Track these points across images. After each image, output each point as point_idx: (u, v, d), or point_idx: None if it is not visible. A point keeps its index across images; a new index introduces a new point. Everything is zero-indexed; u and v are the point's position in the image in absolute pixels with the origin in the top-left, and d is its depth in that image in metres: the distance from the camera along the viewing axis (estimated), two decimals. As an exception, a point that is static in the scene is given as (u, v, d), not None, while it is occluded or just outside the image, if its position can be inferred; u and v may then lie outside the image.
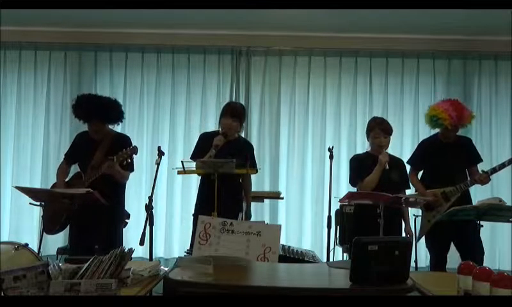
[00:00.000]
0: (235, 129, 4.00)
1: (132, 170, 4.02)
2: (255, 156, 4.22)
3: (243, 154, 3.83)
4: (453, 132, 4.16)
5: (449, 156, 4.13)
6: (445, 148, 4.18)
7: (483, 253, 4.03)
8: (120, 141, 3.98)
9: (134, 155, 3.82)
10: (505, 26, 4.88)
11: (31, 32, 5.56)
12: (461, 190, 4.04)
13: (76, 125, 5.47)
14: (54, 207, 3.75)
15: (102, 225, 3.73)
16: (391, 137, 4.01)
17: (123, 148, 3.80)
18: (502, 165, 4.04)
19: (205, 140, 4.01)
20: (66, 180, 4.03)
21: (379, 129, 3.94)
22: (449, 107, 4.07)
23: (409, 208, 4.13)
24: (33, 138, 5.62)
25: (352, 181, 4.07)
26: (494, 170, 4.05)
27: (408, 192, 4.18)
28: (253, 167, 3.92)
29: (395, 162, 4.02)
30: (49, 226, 3.83)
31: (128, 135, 4.21)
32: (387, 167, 3.81)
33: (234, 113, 3.97)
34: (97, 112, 3.84)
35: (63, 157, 4.16)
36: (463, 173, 4.17)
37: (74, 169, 4.16)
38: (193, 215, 4.00)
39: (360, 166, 4.01)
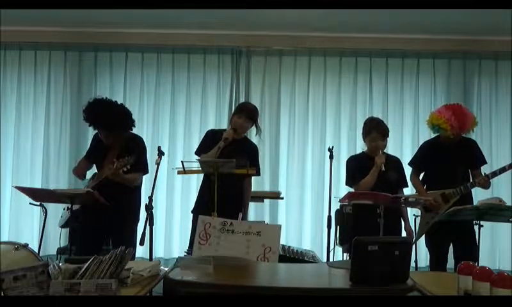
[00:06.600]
0: (246, 129, 4.03)
1: (143, 172, 3.91)
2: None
3: (246, 155, 3.83)
4: (455, 139, 4.10)
5: (451, 158, 4.09)
6: (448, 149, 4.12)
7: (478, 257, 3.97)
8: (132, 142, 3.87)
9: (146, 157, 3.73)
10: (505, 26, 4.88)
11: (31, 32, 5.55)
12: (461, 192, 4.01)
13: (76, 126, 5.53)
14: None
15: (113, 227, 3.71)
16: (388, 138, 4.03)
17: (134, 149, 3.72)
18: (503, 169, 3.99)
19: (211, 137, 4.01)
20: (88, 177, 4.00)
21: (376, 132, 3.94)
22: (451, 116, 3.98)
23: (409, 207, 4.14)
24: (33, 138, 5.61)
25: (349, 182, 4.07)
26: (494, 174, 4.00)
27: (406, 191, 4.17)
28: (254, 169, 3.85)
29: (392, 162, 4.04)
30: None
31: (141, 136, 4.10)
32: (383, 168, 3.82)
33: (249, 114, 3.96)
34: (105, 122, 3.68)
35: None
36: (465, 175, 4.12)
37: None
38: (192, 212, 3.99)
39: (356, 167, 4.01)
